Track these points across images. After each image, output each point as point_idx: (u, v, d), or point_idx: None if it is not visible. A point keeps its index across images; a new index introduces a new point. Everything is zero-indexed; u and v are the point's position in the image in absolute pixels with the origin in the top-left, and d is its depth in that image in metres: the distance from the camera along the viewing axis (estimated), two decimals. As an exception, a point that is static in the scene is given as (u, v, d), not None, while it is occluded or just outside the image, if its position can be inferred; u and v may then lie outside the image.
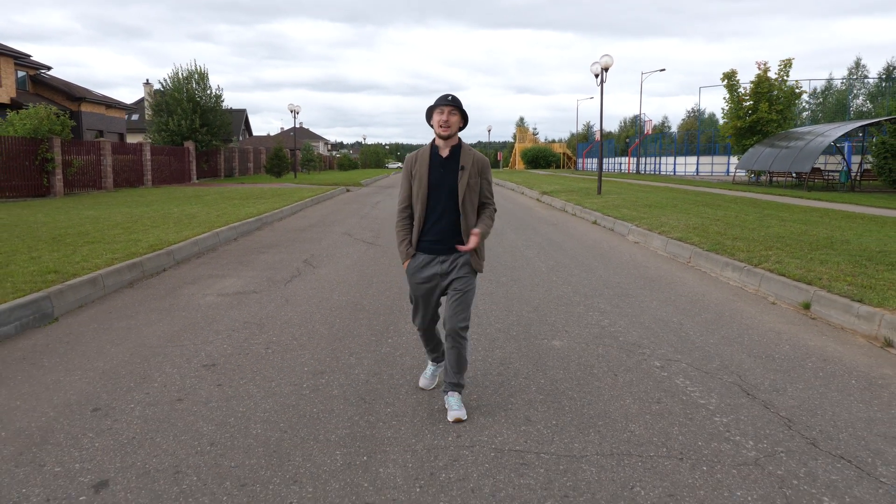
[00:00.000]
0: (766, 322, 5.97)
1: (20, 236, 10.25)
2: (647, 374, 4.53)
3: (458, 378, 3.82)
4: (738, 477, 3.08)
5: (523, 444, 3.43)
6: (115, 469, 3.18)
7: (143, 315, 6.27)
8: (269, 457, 3.29)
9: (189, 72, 35.44)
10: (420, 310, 3.97)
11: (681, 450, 3.36)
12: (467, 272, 3.79)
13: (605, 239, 12.00)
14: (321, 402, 4.03)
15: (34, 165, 20.09)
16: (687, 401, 4.04)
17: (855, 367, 4.70)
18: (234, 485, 3.02)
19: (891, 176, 20.75)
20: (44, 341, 5.41)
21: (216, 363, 4.78)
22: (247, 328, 5.75)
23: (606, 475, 3.10)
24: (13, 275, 6.93)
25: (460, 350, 3.78)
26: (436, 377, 4.22)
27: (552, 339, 5.36)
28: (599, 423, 3.70)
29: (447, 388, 3.85)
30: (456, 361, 3.80)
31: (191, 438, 3.51)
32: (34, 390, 4.26)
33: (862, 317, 5.58)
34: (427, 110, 3.77)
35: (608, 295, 7.07)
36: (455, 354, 3.78)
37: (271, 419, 3.76)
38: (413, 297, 3.96)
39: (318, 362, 4.79)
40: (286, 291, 7.28)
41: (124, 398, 4.11)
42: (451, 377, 3.83)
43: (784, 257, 7.97)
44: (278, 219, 15.51)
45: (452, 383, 3.83)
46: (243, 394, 4.17)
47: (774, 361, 4.83)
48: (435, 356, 4.20)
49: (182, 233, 10.72)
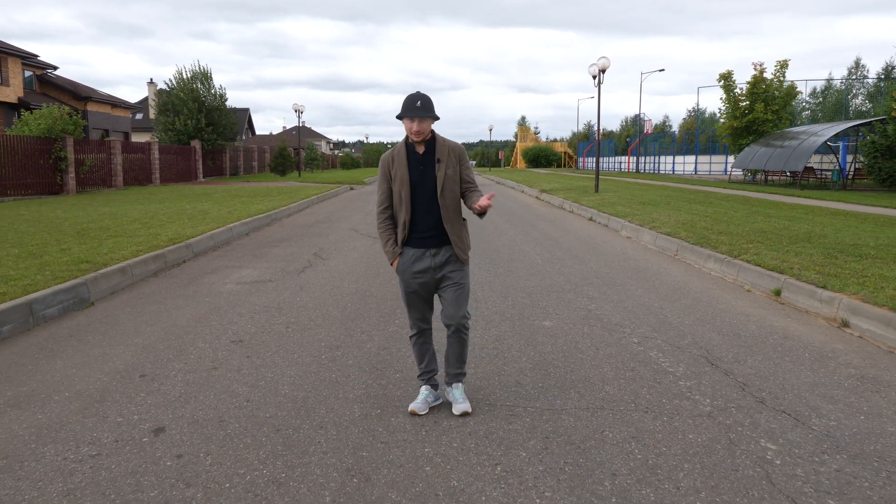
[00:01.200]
0: (738, 307, 6.56)
1: (45, 230, 10.86)
2: (625, 348, 5.12)
3: (461, 368, 3.88)
4: (692, 425, 3.67)
5: (513, 401, 4.02)
6: (168, 419, 3.78)
7: (171, 300, 6.87)
8: (297, 410, 3.89)
9: (194, 72, 36.04)
10: (415, 306, 3.88)
11: (646, 405, 3.96)
12: (460, 265, 3.79)
13: (599, 234, 12.59)
14: (338, 369, 4.63)
15: (48, 164, 20.72)
16: (657, 369, 4.63)
17: (811, 343, 5.28)
18: (270, 429, 3.62)
19: (880, 175, 21.30)
20: (85, 322, 6.01)
21: (243, 339, 5.38)
22: (267, 311, 6.35)
23: (582, 423, 3.69)
24: (49, 264, 7.54)
25: (464, 342, 3.83)
26: (428, 403, 3.87)
27: (543, 321, 5.95)
28: (579, 385, 4.30)
29: (450, 379, 3.88)
30: (459, 353, 3.84)
31: (229, 397, 4.11)
32: (85, 361, 4.86)
33: (824, 301, 6.17)
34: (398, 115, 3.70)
35: (597, 284, 7.66)
36: (458, 347, 3.83)
37: (296, 382, 4.36)
38: (406, 296, 3.89)
39: (334, 339, 5.39)
40: (300, 280, 7.88)
41: (166, 367, 4.71)
42: (453, 368, 3.88)
43: (762, 250, 8.56)
44: (286, 215, 16.12)
45: (455, 374, 3.88)
46: (270, 363, 4.77)
47: (740, 339, 5.41)
48: (428, 375, 3.95)
49: (197, 227, 11.33)
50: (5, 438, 3.52)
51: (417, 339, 3.95)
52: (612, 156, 67.03)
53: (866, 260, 7.67)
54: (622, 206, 15.65)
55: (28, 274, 6.94)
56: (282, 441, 3.47)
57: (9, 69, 36.56)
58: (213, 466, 3.19)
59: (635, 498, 2.89)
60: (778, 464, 3.21)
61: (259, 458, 3.27)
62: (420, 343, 3.95)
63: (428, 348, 3.96)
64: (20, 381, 4.43)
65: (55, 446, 3.42)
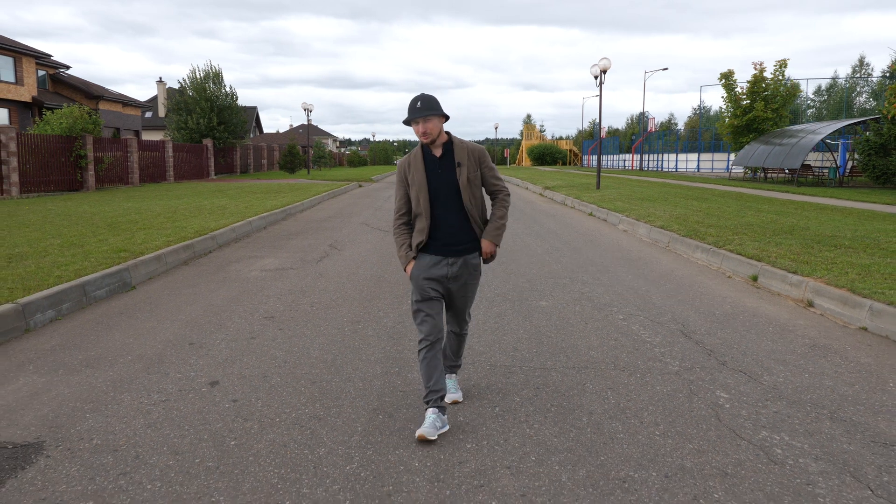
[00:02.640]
0: (718, 290, 7.24)
1: (79, 224, 11.62)
2: (610, 323, 5.82)
3: (456, 360, 4.03)
4: (661, 380, 4.37)
5: (510, 362, 4.73)
6: (220, 375, 4.50)
7: (204, 284, 7.60)
8: (327, 368, 4.60)
9: (206, 72, 36.86)
10: (426, 313, 3.63)
11: (624, 366, 4.65)
12: (475, 277, 3.76)
13: (598, 228, 13.28)
14: (360, 339, 5.34)
15: (69, 162, 21.52)
16: (637, 339, 5.32)
17: (776, 320, 5.97)
18: (307, 382, 4.33)
19: (874, 172, 21.90)
20: (131, 302, 6.75)
21: (274, 316, 6.10)
22: (292, 293, 7.07)
23: (567, 378, 4.39)
24: (92, 253, 8.28)
25: (462, 341, 3.99)
26: (436, 428, 3.46)
27: (539, 301, 6.66)
28: (568, 350, 5.00)
29: (445, 370, 3.84)
30: (457, 349, 3.99)
31: (269, 359, 4.83)
32: (139, 332, 5.59)
33: (793, 284, 6.85)
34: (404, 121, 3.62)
35: (591, 271, 8.35)
36: (456, 344, 3.98)
37: (325, 348, 5.08)
38: (416, 304, 3.66)
39: (354, 315, 6.11)
40: (318, 268, 8.60)
41: (210, 337, 5.43)
42: (448, 360, 4.00)
43: (746, 241, 9.23)
44: (300, 210, 16.85)
45: (451, 365, 4.01)
46: (300, 334, 5.48)
47: (714, 316, 6.10)
48: (435, 394, 3.56)
49: (219, 221, 12.07)
50: (87, 389, 4.24)
51: (427, 353, 3.58)
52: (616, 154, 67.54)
53: (839, 249, 8.34)
54: (621, 202, 16.32)
55: (75, 261, 7.68)
56: (318, 390, 4.18)
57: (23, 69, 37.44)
58: (263, 407, 3.91)
59: (606, 429, 3.59)
60: (727, 407, 3.91)
61: (300, 402, 3.99)
62: (430, 357, 3.58)
63: (437, 365, 3.59)
64: (87, 347, 5.16)
65: (130, 395, 4.15)
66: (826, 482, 3.02)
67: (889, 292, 5.88)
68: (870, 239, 9.23)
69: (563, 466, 3.18)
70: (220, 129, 36.11)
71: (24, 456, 3.31)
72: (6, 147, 18.41)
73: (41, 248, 8.59)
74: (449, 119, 3.65)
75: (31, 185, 19.70)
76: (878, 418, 3.75)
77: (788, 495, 2.90)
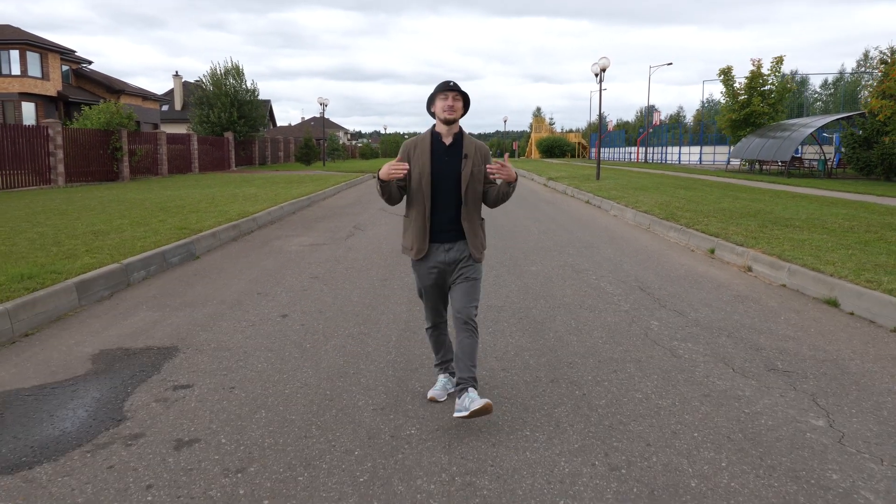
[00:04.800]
0: (679, 260, 8.77)
1: (134, 208, 13.27)
2: (585, 282, 7.38)
3: (472, 370, 3.64)
4: (612, 315, 5.92)
5: (502, 304, 6.30)
6: (287, 311, 6.09)
7: (255, 256, 9.21)
8: (365, 308, 6.19)
9: (226, 68, 38.54)
10: (430, 301, 3.91)
11: (587, 307, 6.21)
12: (473, 260, 3.76)
13: (591, 213, 14.81)
14: (389, 290, 6.92)
15: (107, 154, 23.25)
16: (602, 291, 6.88)
17: (717, 279, 7.51)
18: (352, 315, 5.92)
19: (858, 164, 23.26)
20: (201, 268, 8.36)
21: (318, 276, 7.70)
22: (328, 262, 8.66)
23: (543, 313, 5.96)
24: (158, 230, 9.91)
25: (474, 339, 3.68)
26: (447, 390, 3.97)
27: (531, 266, 8.22)
28: (547, 297, 6.56)
29: (464, 383, 3.61)
30: (470, 350, 3.66)
31: (321, 302, 6.42)
32: (216, 287, 7.20)
33: (738, 254, 8.37)
34: (428, 98, 3.71)
35: (578, 247, 9.90)
36: (469, 343, 3.66)
37: (362, 297, 6.66)
38: (421, 290, 3.95)
39: (382, 275, 7.69)
40: (347, 244, 10.19)
41: (272, 290, 7.03)
42: (465, 370, 3.63)
43: (713, 222, 10.74)
44: (322, 199, 18.47)
45: (468, 377, 3.62)
46: (341, 288, 7.07)
47: (669, 278, 7.64)
48: (444, 364, 4.05)
49: (255, 206, 13.69)
50: (192, 319, 5.85)
51: (433, 332, 4.01)
52: (622, 146, 68.76)
53: (788, 228, 9.85)
54: (616, 191, 17.82)
55: (147, 235, 9.31)
56: (361, 319, 5.78)
57: (49, 64, 39.20)
58: (324, 328, 5.50)
59: (564, 339, 5.16)
60: (655, 329, 5.46)
61: (350, 325, 5.58)
62: (436, 336, 4.02)
63: (444, 340, 4.03)
64: (180, 295, 6.78)
65: (226, 322, 5.75)
66: (705, 366, 4.58)
67: (807, 258, 7.40)
68: (818, 220, 10.72)
69: (531, 356, 4.76)
70: (240, 122, 37.81)
71: (168, 353, 4.91)
72: (53, 140, 20.13)
73: (116, 226, 10.23)
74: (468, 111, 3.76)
75: (73, 176, 21.43)
76: (760, 336, 5.30)
77: (678, 371, 4.46)
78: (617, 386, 4.20)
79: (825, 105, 71.87)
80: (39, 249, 8.00)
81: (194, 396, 4.04)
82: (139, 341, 5.18)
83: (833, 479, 3.04)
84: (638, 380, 4.31)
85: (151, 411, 3.82)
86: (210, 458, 3.24)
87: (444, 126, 3.70)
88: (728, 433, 3.52)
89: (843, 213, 12.03)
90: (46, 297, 5.82)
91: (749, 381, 4.30)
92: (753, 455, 3.27)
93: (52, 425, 3.64)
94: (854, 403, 3.93)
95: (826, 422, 3.67)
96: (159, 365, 4.63)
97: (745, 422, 3.66)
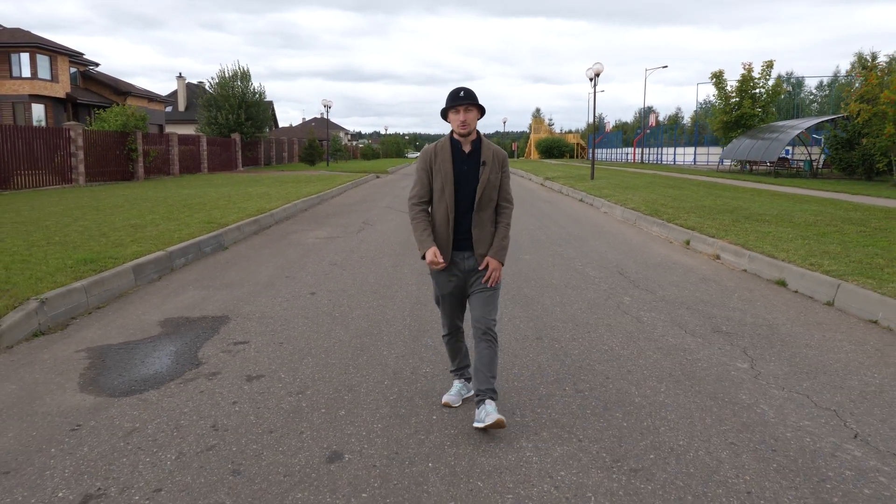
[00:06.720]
0: (657, 250, 9.82)
1: (159, 205, 14.31)
2: (571, 268, 8.42)
3: (492, 382, 3.62)
4: (592, 292, 6.97)
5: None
6: (315, 289, 7.13)
7: (276, 246, 10.25)
8: (381, 288, 7.23)
9: (234, 71, 39.62)
10: (447, 308, 3.91)
11: (573, 286, 7.25)
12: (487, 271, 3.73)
13: (584, 210, 15.86)
14: (400, 274, 7.97)
15: (123, 154, 24.30)
16: (586, 276, 7.92)
17: (687, 265, 8.55)
18: (370, 292, 6.96)
19: (841, 164, 24.32)
20: (230, 256, 9.40)
21: (337, 263, 8.74)
22: (344, 252, 9.70)
23: (534, 292, 7.00)
24: (188, 224, 10.95)
25: (493, 349, 3.65)
26: (461, 395, 4.01)
27: (524, 256, 9.26)
28: (537, 279, 7.61)
29: (482, 395, 3.60)
30: (490, 361, 3.62)
31: (343, 283, 7.46)
32: (248, 272, 8.24)
33: (709, 244, 9.42)
34: (442, 109, 3.69)
35: (568, 239, 10.94)
36: (488, 354, 3.63)
37: (377, 278, 7.70)
38: (438, 297, 3.95)
39: (393, 262, 8.74)
40: (359, 237, 11.24)
41: (297, 274, 8.07)
42: (484, 381, 3.61)
43: (692, 217, 11.79)
44: (330, 197, 19.52)
45: (487, 389, 3.60)
46: (359, 272, 8.11)
47: (646, 265, 8.68)
48: (460, 370, 4.09)
49: (270, 203, 14.74)
50: (234, 296, 6.88)
51: (449, 339, 4.00)
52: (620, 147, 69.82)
53: (757, 222, 10.90)
54: (608, 190, 18.87)
55: (180, 228, 10.34)
56: (379, 297, 6.82)
57: (58, 67, 40.21)
58: (349, 302, 6.54)
59: (549, 311, 6.20)
60: (627, 303, 6.51)
61: (370, 300, 6.62)
62: (452, 343, 4.02)
63: (460, 347, 4.04)
64: (219, 278, 7.82)
65: (263, 298, 6.78)
66: (663, 328, 5.63)
67: (766, 247, 8.45)
68: (787, 216, 11.77)
69: (521, 322, 5.80)
70: (247, 124, 38.88)
71: (221, 320, 5.95)
72: (74, 142, 21.18)
73: (149, 221, 11.28)
74: (484, 114, 3.72)
75: (92, 175, 22.47)
76: (714, 308, 6.34)
77: (640, 332, 5.50)
78: (589, 342, 5.25)
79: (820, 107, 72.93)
80: (90, 240, 9.04)
81: (252, 349, 5.08)
82: (195, 312, 6.22)
83: (742, 399, 4.08)
84: (607, 338, 5.35)
85: (220, 359, 4.86)
86: (275, 386, 4.28)
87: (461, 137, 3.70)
88: (670, 371, 4.56)
89: (812, 209, 13.08)
90: (111, 276, 6.86)
91: (696, 339, 5.35)
92: (686, 384, 4.31)
93: (146, 367, 4.68)
94: (776, 354, 4.97)
95: (749, 364, 4.72)
96: (217, 328, 5.68)
97: (685, 365, 4.71)
